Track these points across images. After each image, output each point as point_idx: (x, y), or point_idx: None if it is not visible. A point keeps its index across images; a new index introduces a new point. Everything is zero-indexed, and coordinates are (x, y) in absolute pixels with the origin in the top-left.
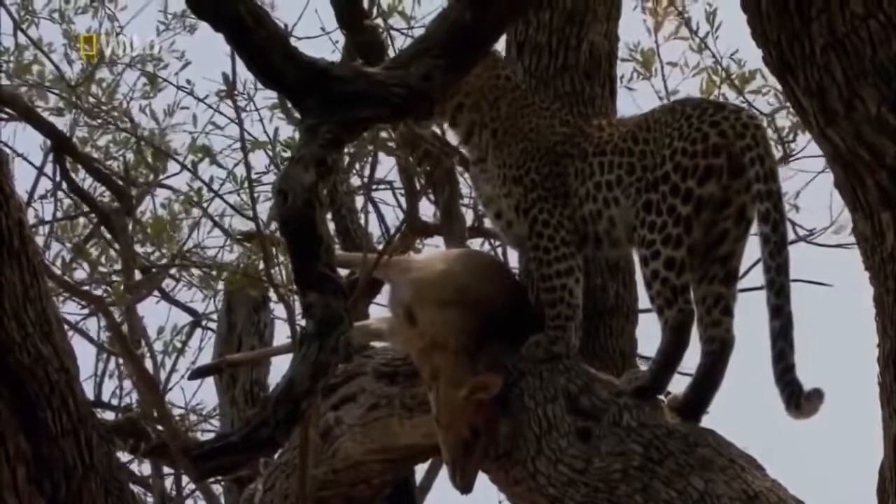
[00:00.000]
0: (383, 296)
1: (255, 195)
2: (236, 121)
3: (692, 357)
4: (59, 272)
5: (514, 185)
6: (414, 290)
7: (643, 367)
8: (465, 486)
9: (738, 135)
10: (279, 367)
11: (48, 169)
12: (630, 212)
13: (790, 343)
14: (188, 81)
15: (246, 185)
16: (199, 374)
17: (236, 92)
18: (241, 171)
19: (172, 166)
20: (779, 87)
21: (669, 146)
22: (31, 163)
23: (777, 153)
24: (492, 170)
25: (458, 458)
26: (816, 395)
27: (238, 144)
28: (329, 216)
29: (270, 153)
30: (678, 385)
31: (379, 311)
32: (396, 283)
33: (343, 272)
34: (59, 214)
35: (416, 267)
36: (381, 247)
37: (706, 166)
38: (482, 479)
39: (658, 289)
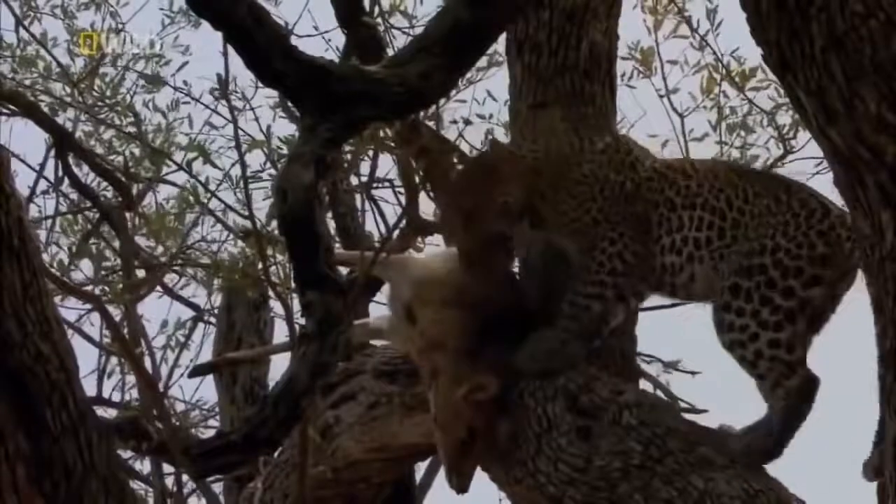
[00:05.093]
0: (383, 294)
1: (251, 193)
2: (231, 120)
3: (695, 357)
4: (57, 271)
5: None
6: (414, 290)
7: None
8: (461, 486)
9: (847, 238)
10: (279, 366)
11: (50, 164)
12: (712, 272)
13: None
14: (185, 83)
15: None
16: (198, 372)
17: (231, 91)
18: (237, 170)
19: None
20: (779, 84)
21: (771, 238)
22: (28, 164)
23: (778, 150)
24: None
25: (454, 458)
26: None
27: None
28: (329, 215)
29: (266, 151)
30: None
31: (378, 309)
32: (396, 282)
33: (342, 270)
34: (61, 210)
35: (415, 266)
36: (380, 245)
37: (813, 275)
38: (482, 478)
39: (768, 366)
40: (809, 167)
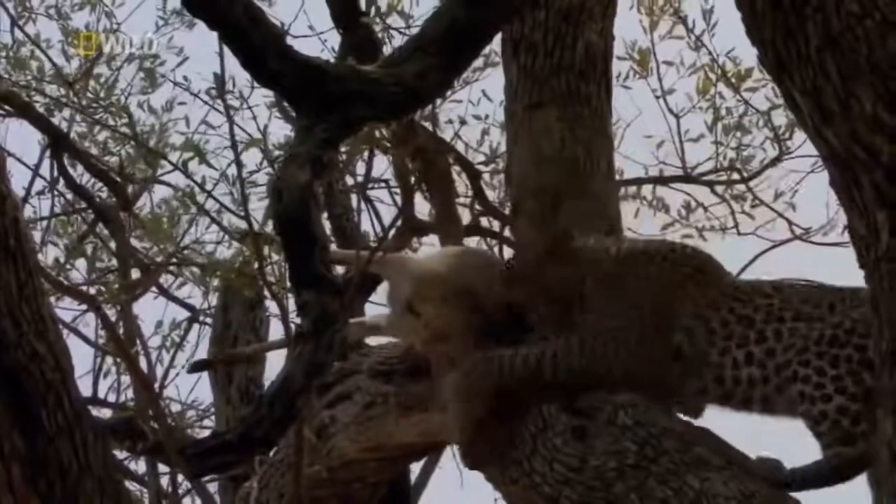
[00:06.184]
0: (378, 294)
1: (248, 193)
2: (228, 120)
3: None
4: (53, 271)
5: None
6: (414, 286)
7: None
8: (472, 463)
9: None
10: (275, 366)
11: (45, 165)
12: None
13: None
14: (185, 78)
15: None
16: (197, 367)
17: (228, 91)
18: (233, 170)
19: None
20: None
21: None
22: (24, 163)
23: (774, 151)
24: None
25: (471, 436)
26: None
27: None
28: (324, 215)
29: (263, 150)
30: None
31: (374, 308)
32: (395, 279)
33: (338, 269)
34: (56, 211)
35: (413, 264)
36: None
37: None
38: (478, 477)
39: (829, 428)
40: (804, 166)
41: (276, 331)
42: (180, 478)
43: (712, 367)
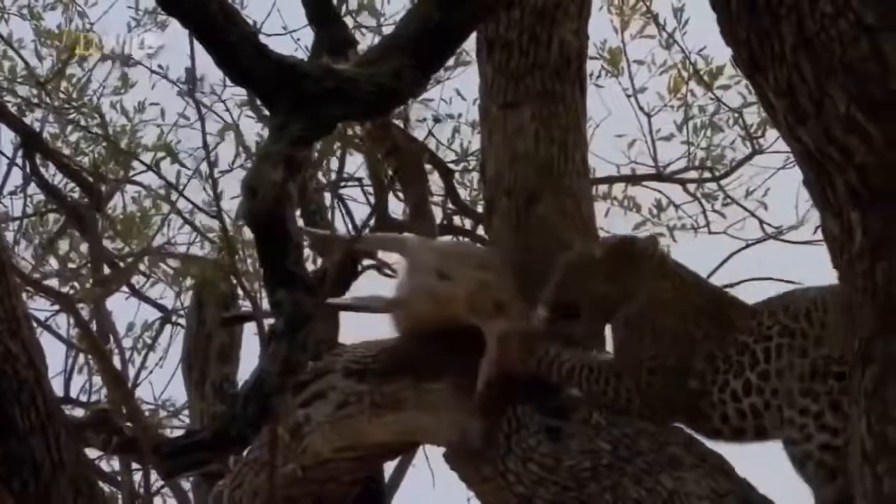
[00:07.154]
0: (357, 290)
1: (220, 190)
2: (199, 118)
3: None
4: (26, 269)
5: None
6: (440, 256)
7: None
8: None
9: None
10: (249, 364)
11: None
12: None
13: None
14: (161, 66)
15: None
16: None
17: (201, 91)
18: (206, 168)
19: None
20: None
21: None
22: (4, 155)
23: (746, 149)
24: None
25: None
26: None
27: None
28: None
29: (236, 134)
30: None
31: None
32: (412, 251)
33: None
34: (28, 210)
35: (415, 241)
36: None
37: None
38: (451, 477)
39: (814, 470)
40: (776, 164)
41: (249, 329)
42: (153, 476)
43: (717, 406)
